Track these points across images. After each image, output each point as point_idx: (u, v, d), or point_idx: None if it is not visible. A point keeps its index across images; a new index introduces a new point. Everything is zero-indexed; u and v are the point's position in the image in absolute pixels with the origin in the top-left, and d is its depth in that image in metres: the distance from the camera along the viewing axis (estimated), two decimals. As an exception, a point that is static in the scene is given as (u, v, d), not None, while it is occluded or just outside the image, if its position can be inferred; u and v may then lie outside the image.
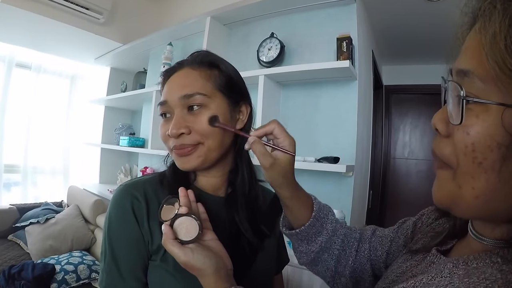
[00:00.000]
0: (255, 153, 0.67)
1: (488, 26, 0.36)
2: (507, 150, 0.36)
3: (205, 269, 0.60)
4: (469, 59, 0.39)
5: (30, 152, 3.85)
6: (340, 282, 0.79)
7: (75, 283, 2.41)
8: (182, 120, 0.71)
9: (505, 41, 0.34)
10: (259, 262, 0.81)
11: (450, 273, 0.44)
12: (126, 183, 0.77)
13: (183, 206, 0.64)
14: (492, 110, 0.37)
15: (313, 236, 0.75)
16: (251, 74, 1.99)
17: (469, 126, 0.38)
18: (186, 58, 0.80)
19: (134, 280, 0.70)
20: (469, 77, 0.39)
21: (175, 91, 0.73)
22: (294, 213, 0.74)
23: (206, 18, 2.37)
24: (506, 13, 0.34)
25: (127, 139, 3.18)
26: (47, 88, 3.95)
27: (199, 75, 0.74)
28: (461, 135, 0.40)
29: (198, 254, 0.61)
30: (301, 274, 1.75)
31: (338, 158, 1.80)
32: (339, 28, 1.95)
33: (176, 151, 0.73)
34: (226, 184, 0.84)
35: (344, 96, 1.96)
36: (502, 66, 0.34)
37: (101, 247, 0.73)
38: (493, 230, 0.44)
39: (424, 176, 3.68)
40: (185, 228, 0.62)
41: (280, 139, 0.67)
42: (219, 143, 0.74)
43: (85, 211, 3.25)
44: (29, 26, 2.94)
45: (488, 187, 0.38)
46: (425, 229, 0.66)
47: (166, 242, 0.61)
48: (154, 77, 3.01)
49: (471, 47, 0.39)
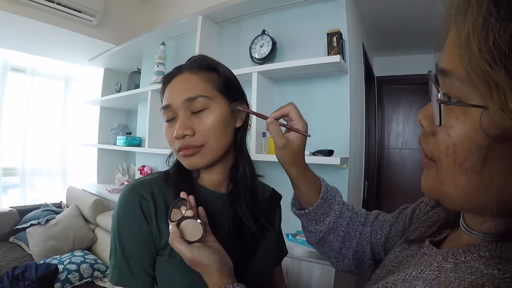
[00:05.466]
0: (271, 133, 0.73)
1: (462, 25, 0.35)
2: (487, 152, 0.36)
3: (210, 265, 0.65)
4: (449, 58, 0.38)
5: (27, 154, 3.86)
6: (343, 263, 0.83)
7: (78, 282, 2.45)
8: (187, 122, 0.74)
9: (478, 43, 0.32)
10: (260, 253, 0.85)
11: (438, 266, 0.45)
12: (132, 183, 0.79)
13: (189, 210, 0.69)
14: (471, 112, 0.36)
15: (321, 217, 0.79)
16: (244, 71, 2.00)
17: (450, 128, 0.39)
18: (184, 63, 0.83)
19: (144, 274, 0.73)
20: (449, 77, 0.38)
21: (178, 94, 0.76)
22: (303, 192, 0.79)
23: (197, 17, 2.39)
24: (480, 10, 0.33)
25: (123, 138, 3.20)
26: (42, 91, 3.96)
27: (199, 78, 0.77)
28: (443, 136, 0.40)
29: (204, 251, 0.65)
30: (300, 265, 1.79)
31: (332, 151, 1.83)
32: (329, 23, 1.98)
33: (181, 152, 0.75)
34: (228, 180, 0.87)
35: (336, 89, 1.99)
36: (476, 68, 0.33)
37: (110, 245, 0.76)
38: (481, 224, 0.44)
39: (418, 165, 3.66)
40: (190, 229, 0.67)
41: (294, 121, 0.74)
42: (221, 143, 0.78)
43: (85, 211, 3.28)
44: (23, 30, 2.95)
45: (470, 187, 0.39)
46: (422, 217, 0.68)
47: (173, 241, 0.66)
48: (148, 76, 3.03)
49: (450, 46, 0.38)
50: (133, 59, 3.52)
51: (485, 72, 0.32)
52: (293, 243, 1.83)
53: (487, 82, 0.33)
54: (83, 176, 4.18)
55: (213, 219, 0.75)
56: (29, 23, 2.77)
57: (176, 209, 0.70)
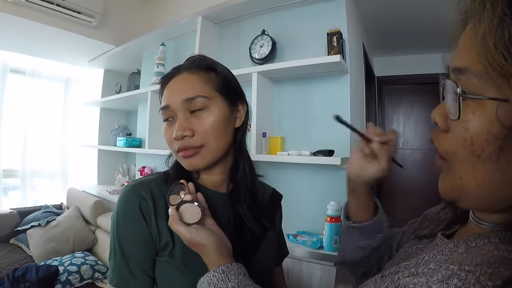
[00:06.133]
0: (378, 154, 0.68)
1: (478, 25, 0.38)
2: (504, 142, 0.38)
3: (208, 245, 0.66)
4: (464, 57, 0.42)
5: (27, 156, 3.86)
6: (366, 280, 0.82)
7: (79, 283, 2.45)
8: (186, 122, 0.74)
9: (494, 39, 0.36)
10: (261, 253, 0.85)
11: (450, 251, 0.47)
12: (132, 183, 0.78)
13: (188, 194, 0.70)
14: (487, 105, 0.39)
15: (374, 232, 0.77)
16: (244, 71, 2.00)
17: (467, 122, 0.41)
18: (182, 63, 0.82)
19: (144, 275, 0.73)
20: (465, 75, 0.41)
21: (177, 95, 0.75)
22: (361, 206, 0.77)
23: (197, 18, 2.39)
24: (495, 13, 0.36)
25: (124, 139, 3.19)
26: (42, 93, 3.96)
27: (198, 78, 0.77)
28: (460, 129, 0.42)
29: (202, 232, 0.67)
30: (301, 266, 1.79)
31: (333, 151, 1.83)
32: (329, 23, 1.97)
33: (181, 153, 0.75)
34: (227, 180, 0.87)
35: (336, 89, 1.98)
36: (493, 63, 0.36)
37: (109, 246, 0.75)
38: (491, 215, 0.47)
39: (419, 165, 3.71)
40: (189, 212, 0.69)
41: (393, 150, 0.70)
42: (221, 143, 0.77)
43: (86, 212, 3.28)
44: (22, 32, 2.95)
45: (488, 176, 0.41)
46: (432, 217, 0.69)
47: (172, 223, 0.67)
48: (148, 77, 3.02)
49: (465, 46, 0.42)
50: (133, 60, 3.51)
51: (501, 66, 0.35)
52: (293, 243, 1.83)
53: (504, 75, 0.36)
54: (83, 178, 4.17)
55: (213, 218, 0.75)
56: (28, 25, 2.77)
57: (175, 195, 0.71)
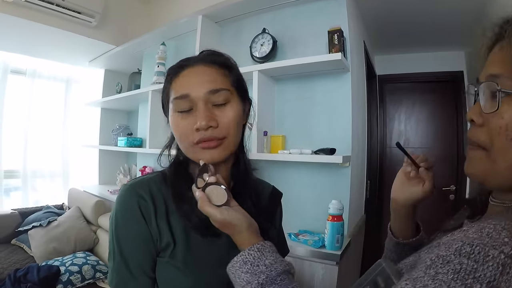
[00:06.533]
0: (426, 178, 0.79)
1: (508, 44, 0.52)
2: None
3: (240, 225, 0.68)
4: (498, 66, 0.54)
5: (29, 157, 3.85)
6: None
7: (80, 284, 2.45)
8: (210, 113, 0.72)
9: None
10: None
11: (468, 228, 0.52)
12: (130, 182, 0.77)
13: (212, 176, 0.70)
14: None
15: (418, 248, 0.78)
16: (245, 70, 1.99)
17: (503, 112, 0.51)
18: (192, 56, 0.81)
19: (144, 276, 0.72)
20: (499, 78, 0.52)
21: (199, 85, 0.73)
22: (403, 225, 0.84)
23: (197, 17, 2.38)
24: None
25: (125, 139, 3.19)
26: (43, 93, 3.94)
27: (216, 72, 0.76)
28: (496, 120, 0.52)
29: (232, 213, 0.68)
30: (302, 265, 1.78)
31: (334, 150, 1.83)
32: (330, 21, 1.97)
33: (202, 144, 0.72)
34: (229, 178, 0.86)
35: (337, 88, 1.98)
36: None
37: (108, 247, 0.74)
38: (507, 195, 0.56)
39: (420, 163, 3.68)
40: (215, 194, 0.70)
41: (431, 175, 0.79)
42: (237, 138, 0.78)
43: (87, 212, 3.28)
44: (22, 32, 2.95)
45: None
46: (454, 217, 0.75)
47: (202, 205, 0.68)
48: (149, 77, 3.02)
49: (499, 58, 0.54)
50: (134, 60, 3.51)
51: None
52: (295, 242, 1.82)
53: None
54: (84, 178, 4.17)
55: None
56: (28, 25, 2.76)
57: (199, 178, 0.71)
